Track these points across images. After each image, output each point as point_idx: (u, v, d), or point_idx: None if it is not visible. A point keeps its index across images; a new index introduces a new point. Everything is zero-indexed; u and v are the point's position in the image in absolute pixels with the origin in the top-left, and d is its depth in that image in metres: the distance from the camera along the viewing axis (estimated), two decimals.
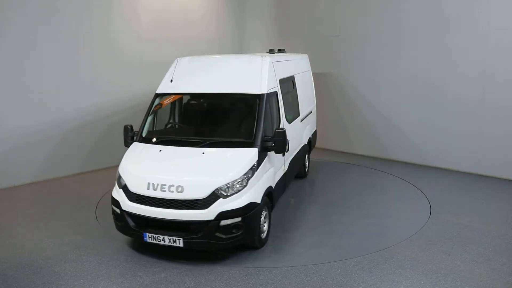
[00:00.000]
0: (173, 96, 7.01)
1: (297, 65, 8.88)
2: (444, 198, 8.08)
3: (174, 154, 6.05)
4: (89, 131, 10.00)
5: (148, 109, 6.90)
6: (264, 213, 6.04)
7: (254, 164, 5.79)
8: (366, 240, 6.38)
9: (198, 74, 6.96)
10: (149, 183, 5.59)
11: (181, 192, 5.44)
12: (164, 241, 5.54)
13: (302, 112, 8.63)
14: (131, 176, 5.87)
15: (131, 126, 6.69)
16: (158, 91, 6.98)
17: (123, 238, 6.36)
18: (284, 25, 12.85)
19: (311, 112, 9.60)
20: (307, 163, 9.46)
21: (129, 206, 5.73)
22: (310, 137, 9.40)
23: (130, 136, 6.62)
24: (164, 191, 5.49)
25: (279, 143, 6.00)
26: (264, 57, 6.84)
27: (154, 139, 6.53)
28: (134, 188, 5.73)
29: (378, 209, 7.59)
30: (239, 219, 5.48)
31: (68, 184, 9.20)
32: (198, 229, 5.44)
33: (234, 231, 5.50)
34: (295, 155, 7.98)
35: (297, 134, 8.17)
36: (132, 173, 5.92)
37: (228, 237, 5.48)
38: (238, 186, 5.57)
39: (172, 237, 5.48)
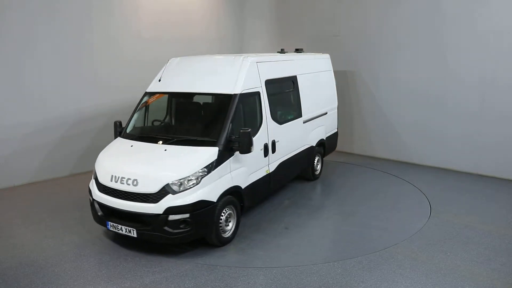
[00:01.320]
0: (157, 94, 7.26)
1: (302, 65, 8.60)
2: (444, 198, 8.08)
3: (140, 150, 6.35)
4: (89, 130, 10.01)
5: (136, 107, 7.26)
6: (227, 212, 6.16)
7: (212, 163, 5.86)
8: (365, 240, 6.38)
9: (183, 74, 7.20)
10: (112, 175, 5.99)
11: (136, 185, 5.76)
12: (122, 230, 5.89)
13: (307, 113, 8.43)
14: (101, 168, 6.31)
15: (120, 122, 7.14)
16: (147, 90, 7.33)
17: (123, 238, 6.37)
18: (284, 25, 12.85)
19: (325, 113, 9.27)
20: (318, 166, 9.25)
21: (97, 196, 6.18)
22: (322, 139, 9.15)
23: (118, 131, 7.05)
24: (123, 183, 5.84)
25: (244, 144, 6.02)
26: (246, 58, 6.87)
27: (131, 135, 6.86)
28: (101, 179, 6.15)
29: (377, 209, 7.59)
30: (187, 215, 5.62)
31: (68, 184, 9.20)
32: (149, 222, 5.69)
33: (182, 226, 5.66)
34: (291, 157, 7.84)
35: (295, 135, 8.03)
36: (102, 165, 6.35)
37: (177, 232, 5.65)
38: (189, 183, 5.68)
39: (127, 227, 5.82)
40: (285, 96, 7.98)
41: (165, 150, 6.12)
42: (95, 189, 6.23)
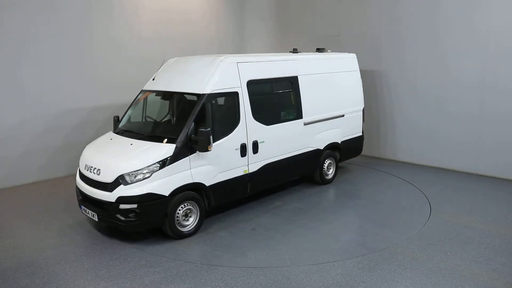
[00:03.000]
0: (147, 92, 7.61)
1: (307, 66, 8.34)
2: (444, 198, 8.09)
3: (113, 143, 6.85)
4: (89, 130, 9.98)
5: (131, 103, 7.69)
6: (186, 207, 6.39)
7: (166, 159, 6.13)
8: (365, 240, 6.38)
9: (170, 73, 7.51)
10: (85, 164, 6.63)
11: (99, 174, 6.30)
12: (89, 214, 6.47)
13: (311, 115, 8.22)
14: (81, 157, 6.95)
15: (118, 117, 7.62)
16: (143, 88, 7.72)
17: (123, 238, 6.39)
18: (284, 25, 12.85)
19: (342, 115, 8.95)
20: (330, 170, 8.98)
21: (77, 181, 6.84)
22: (335, 143, 8.89)
23: (116, 126, 7.48)
24: (91, 172, 6.43)
25: (201, 142, 6.21)
26: (224, 58, 6.93)
27: (119, 129, 7.30)
28: (80, 167, 6.80)
29: (377, 209, 7.59)
30: (135, 205, 5.99)
31: (68, 184, 9.17)
32: (107, 209, 6.17)
33: (131, 215, 6.04)
34: (283, 159, 7.72)
35: (290, 137, 7.86)
36: (83, 154, 6.98)
37: (126, 220, 6.06)
38: (140, 176, 6.03)
39: (92, 212, 6.36)
40: (277, 97, 7.90)
41: (131, 144, 6.52)
42: (77, 176, 6.85)
